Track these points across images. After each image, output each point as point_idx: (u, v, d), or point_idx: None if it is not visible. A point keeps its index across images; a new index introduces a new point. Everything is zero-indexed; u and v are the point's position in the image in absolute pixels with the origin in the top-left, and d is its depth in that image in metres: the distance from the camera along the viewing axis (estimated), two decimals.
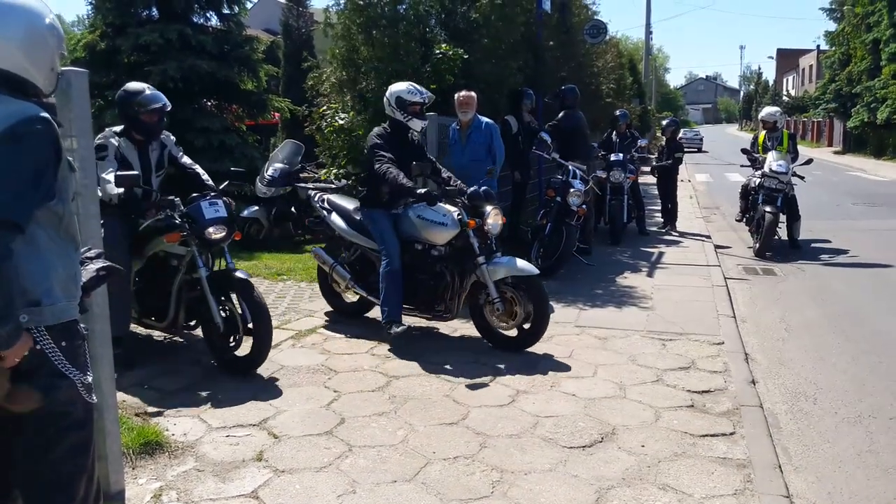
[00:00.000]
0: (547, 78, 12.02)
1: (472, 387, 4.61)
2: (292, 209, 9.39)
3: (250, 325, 4.62)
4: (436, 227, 5.35)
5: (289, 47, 22.93)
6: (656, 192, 12.62)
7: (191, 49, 10.40)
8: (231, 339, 4.74)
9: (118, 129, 4.82)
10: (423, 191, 5.25)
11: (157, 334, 5.71)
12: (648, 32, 38.58)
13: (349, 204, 5.98)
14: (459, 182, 5.62)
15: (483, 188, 5.41)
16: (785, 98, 56.77)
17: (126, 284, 4.65)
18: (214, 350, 4.85)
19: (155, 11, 10.97)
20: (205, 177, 5.10)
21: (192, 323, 5.02)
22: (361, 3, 8.86)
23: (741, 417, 4.15)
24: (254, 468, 3.53)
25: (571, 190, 7.98)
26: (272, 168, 9.41)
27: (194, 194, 4.78)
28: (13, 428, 1.96)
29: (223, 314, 4.71)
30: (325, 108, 8.82)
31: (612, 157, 10.44)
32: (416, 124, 5.58)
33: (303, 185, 8.28)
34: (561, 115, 9.61)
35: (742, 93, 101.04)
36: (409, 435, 3.89)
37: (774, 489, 3.35)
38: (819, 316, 6.60)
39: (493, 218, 5.32)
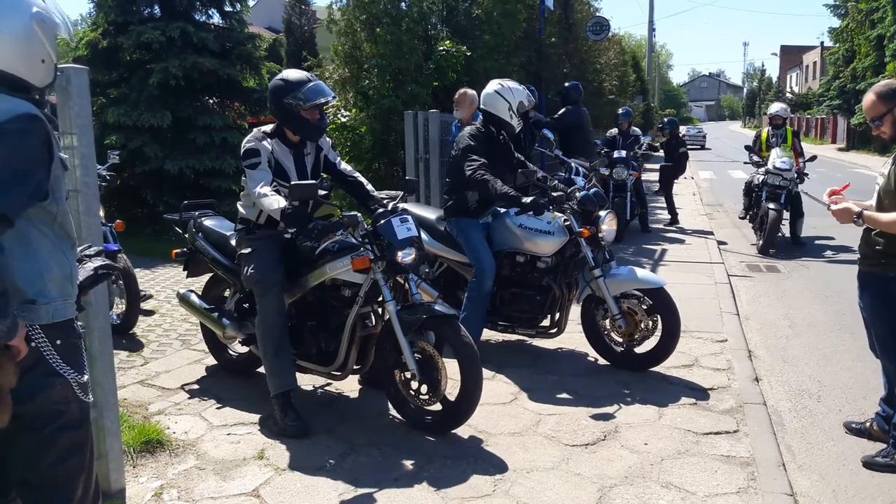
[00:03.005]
0: (549, 74, 12.00)
1: None
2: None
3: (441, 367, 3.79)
4: (541, 236, 4.82)
5: (291, 45, 22.98)
6: (658, 189, 12.63)
7: (193, 47, 10.39)
8: (423, 389, 3.83)
9: (268, 128, 4.03)
10: (528, 199, 4.58)
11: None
12: (651, 29, 38.48)
13: (430, 213, 5.40)
14: (562, 185, 5.09)
15: (593, 191, 4.97)
16: (788, 95, 56.67)
17: (282, 322, 3.97)
18: (401, 403, 3.94)
19: (157, 9, 10.97)
20: (369, 187, 4.26)
21: (359, 366, 4.14)
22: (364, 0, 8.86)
23: (745, 415, 4.13)
24: (255, 466, 3.52)
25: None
26: None
27: (380, 210, 3.93)
28: (9, 427, 1.95)
29: (416, 357, 3.81)
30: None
31: (616, 155, 10.41)
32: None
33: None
34: (562, 110, 9.57)
35: (745, 90, 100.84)
36: (410, 433, 3.88)
37: (778, 487, 3.33)
38: (823, 313, 6.57)
39: (609, 223, 4.84)
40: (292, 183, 3.71)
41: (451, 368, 3.74)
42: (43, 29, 1.99)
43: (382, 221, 3.82)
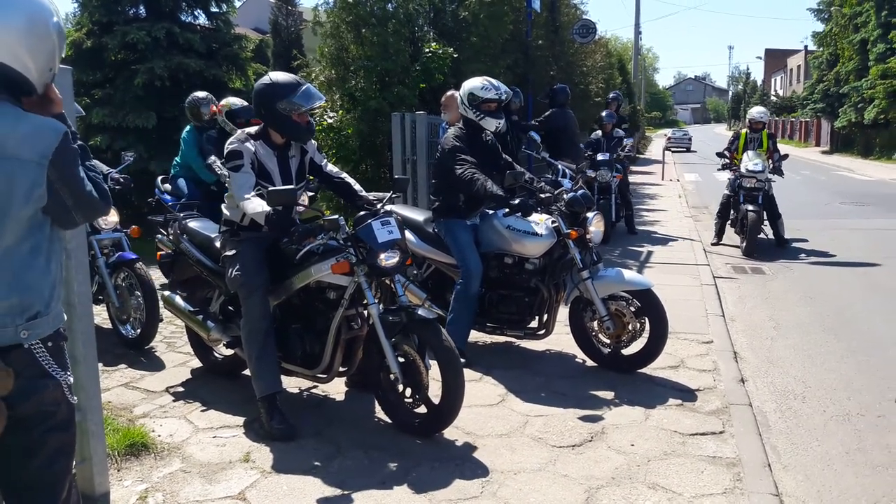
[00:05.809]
0: (536, 77, 12.03)
1: None
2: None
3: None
4: (529, 237, 4.82)
5: (278, 46, 22.92)
6: (645, 191, 12.64)
7: (178, 47, 10.34)
8: (408, 393, 3.86)
9: (252, 130, 3.99)
10: (517, 201, 4.65)
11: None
12: (638, 32, 38.72)
13: (418, 215, 5.38)
14: (549, 187, 5.09)
15: (581, 192, 4.96)
16: (773, 98, 57.12)
17: (267, 324, 3.95)
18: (389, 405, 3.96)
19: (142, 9, 10.93)
20: (357, 187, 4.23)
21: (344, 369, 4.12)
22: (350, 1, 8.84)
23: (730, 416, 4.15)
24: (241, 469, 3.50)
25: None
26: None
27: (362, 213, 3.92)
28: None
29: (400, 360, 3.82)
30: None
31: (600, 157, 10.44)
32: (490, 123, 4.99)
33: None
34: (548, 112, 9.60)
35: (730, 93, 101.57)
36: (397, 436, 3.87)
37: (764, 488, 3.35)
38: (808, 315, 6.62)
39: (596, 225, 4.84)
40: (269, 189, 3.66)
41: (438, 371, 3.73)
42: (58, 38, 1.96)
43: (363, 225, 3.79)
